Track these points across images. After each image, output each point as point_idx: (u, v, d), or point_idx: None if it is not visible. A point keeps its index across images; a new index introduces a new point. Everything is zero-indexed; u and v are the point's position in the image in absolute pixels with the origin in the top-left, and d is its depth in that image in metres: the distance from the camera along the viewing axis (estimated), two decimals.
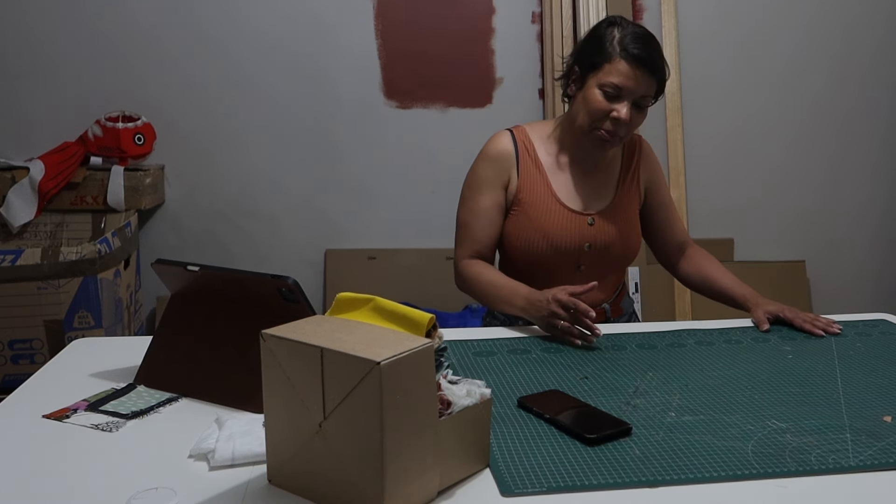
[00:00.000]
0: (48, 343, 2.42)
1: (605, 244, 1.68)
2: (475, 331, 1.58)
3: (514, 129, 1.73)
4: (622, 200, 1.73)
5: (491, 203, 1.68)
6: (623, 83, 1.55)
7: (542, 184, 1.68)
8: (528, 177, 1.68)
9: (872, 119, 3.20)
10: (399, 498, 0.85)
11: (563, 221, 1.66)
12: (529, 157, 1.70)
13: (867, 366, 1.37)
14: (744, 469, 0.99)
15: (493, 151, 1.70)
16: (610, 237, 1.69)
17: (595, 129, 1.60)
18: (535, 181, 1.68)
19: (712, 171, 3.13)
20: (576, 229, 1.67)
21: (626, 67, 1.55)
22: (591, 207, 1.70)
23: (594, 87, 1.58)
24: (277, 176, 2.99)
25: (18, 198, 2.68)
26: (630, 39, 1.56)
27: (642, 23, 3.02)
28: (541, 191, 1.68)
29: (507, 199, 1.70)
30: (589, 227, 1.68)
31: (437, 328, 0.96)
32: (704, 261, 1.81)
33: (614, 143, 1.63)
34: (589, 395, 1.23)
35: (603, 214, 1.69)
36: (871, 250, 3.29)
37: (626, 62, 1.55)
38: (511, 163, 1.69)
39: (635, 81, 1.55)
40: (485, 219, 1.68)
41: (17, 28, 2.83)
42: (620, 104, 1.57)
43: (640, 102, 1.59)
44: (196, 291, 1.27)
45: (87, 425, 1.11)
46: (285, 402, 0.90)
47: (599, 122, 1.59)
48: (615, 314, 1.77)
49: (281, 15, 2.90)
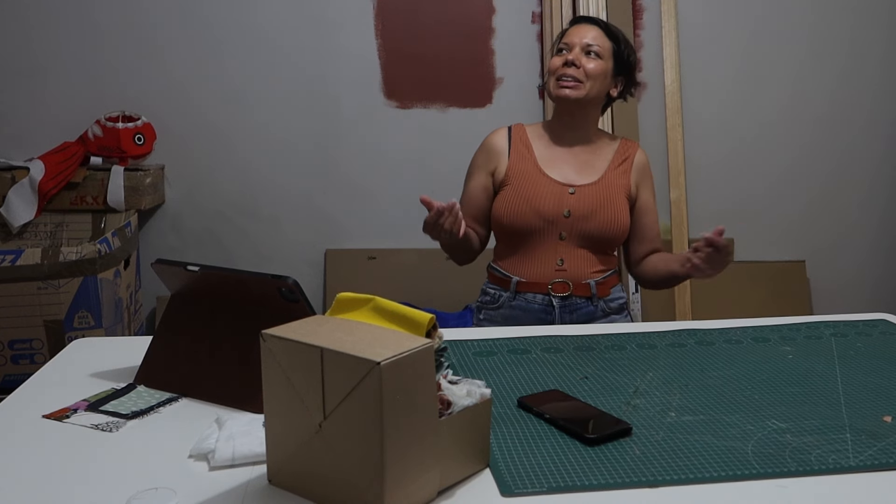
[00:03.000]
0: (48, 343, 2.42)
1: (584, 213, 1.79)
2: (475, 331, 1.58)
3: (512, 126, 1.93)
4: (607, 182, 1.84)
5: (476, 185, 1.89)
6: (568, 39, 1.83)
7: (531, 162, 1.85)
8: (519, 160, 1.86)
9: (873, 119, 3.20)
10: (399, 498, 0.85)
11: (545, 189, 1.81)
12: (521, 143, 1.88)
13: (867, 366, 1.37)
14: (744, 469, 0.99)
15: (486, 142, 1.92)
16: (590, 207, 1.80)
17: (556, 81, 1.81)
18: (525, 162, 1.85)
19: (712, 171, 3.13)
20: (556, 195, 1.80)
21: (570, 30, 1.86)
22: (574, 182, 1.83)
23: (551, 58, 1.86)
24: (277, 176, 2.99)
25: (18, 198, 2.68)
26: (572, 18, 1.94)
27: (642, 23, 3.04)
28: (528, 167, 1.85)
29: (496, 182, 1.87)
30: (570, 195, 1.80)
31: (437, 328, 0.96)
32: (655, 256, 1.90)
33: (577, 89, 1.79)
34: (589, 395, 1.23)
35: (585, 188, 1.82)
36: (871, 250, 3.29)
37: (569, 28, 1.87)
38: (502, 152, 1.88)
39: (577, 33, 1.82)
40: (470, 198, 1.89)
41: (18, 28, 2.83)
42: (570, 53, 1.81)
43: (589, 49, 1.80)
44: (196, 291, 1.27)
45: (87, 425, 1.11)
46: (285, 402, 0.90)
47: (557, 73, 1.81)
48: (601, 294, 1.82)
49: (281, 15, 2.90)
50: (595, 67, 1.79)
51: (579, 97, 1.79)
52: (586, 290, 1.81)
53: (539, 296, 1.80)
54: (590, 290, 1.81)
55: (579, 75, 1.78)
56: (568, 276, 1.80)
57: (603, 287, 1.83)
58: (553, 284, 1.79)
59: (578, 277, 1.80)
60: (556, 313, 1.80)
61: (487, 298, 1.88)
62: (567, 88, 1.79)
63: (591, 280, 1.81)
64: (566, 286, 1.80)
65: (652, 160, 3.25)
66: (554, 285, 1.79)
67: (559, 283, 1.80)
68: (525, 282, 1.81)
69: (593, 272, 1.82)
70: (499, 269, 1.86)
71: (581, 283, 1.80)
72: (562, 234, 1.80)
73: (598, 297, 1.82)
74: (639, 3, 3.03)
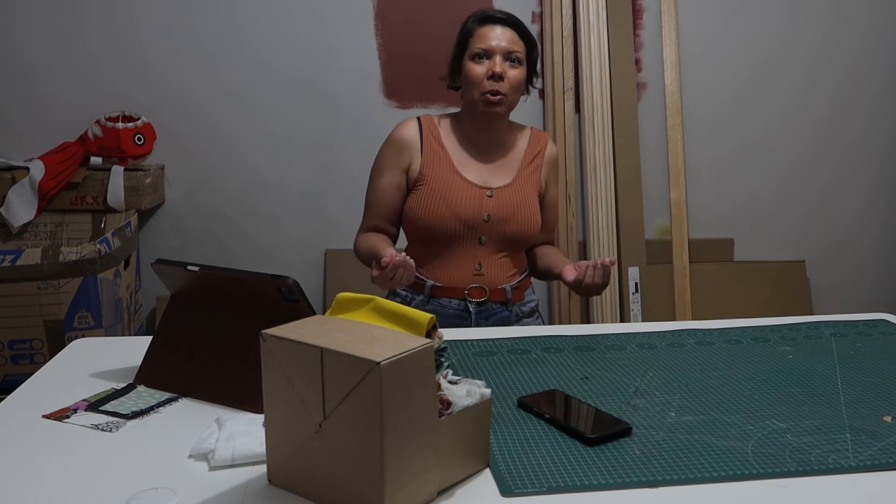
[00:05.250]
0: (48, 343, 2.42)
1: (503, 217, 1.76)
2: (475, 331, 1.58)
3: (421, 117, 1.84)
4: (521, 182, 1.81)
5: (388, 183, 1.80)
6: (486, 44, 1.72)
7: (446, 162, 1.79)
8: (431, 156, 1.79)
9: (873, 120, 3.20)
10: (399, 498, 0.85)
11: (464, 192, 1.75)
12: (434, 140, 1.80)
13: (867, 366, 1.37)
14: (744, 469, 0.99)
15: (396, 136, 1.82)
16: (508, 210, 1.76)
17: (482, 95, 1.72)
18: (440, 159, 1.79)
19: (712, 171, 3.13)
20: (475, 200, 1.75)
21: (482, 29, 1.74)
22: (491, 184, 1.79)
23: (468, 62, 1.75)
24: (277, 176, 2.99)
25: (18, 198, 2.68)
26: (479, 12, 1.78)
27: (642, 23, 3.04)
28: (444, 168, 1.78)
29: (409, 180, 1.80)
30: (488, 198, 1.76)
31: (437, 328, 0.96)
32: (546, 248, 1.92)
33: (503, 104, 1.73)
34: (589, 395, 1.23)
35: (502, 190, 1.78)
36: (871, 250, 3.29)
37: (480, 25, 1.75)
38: (414, 146, 1.80)
39: (495, 37, 1.72)
40: (382, 197, 1.81)
41: (18, 28, 2.83)
42: (492, 61, 1.71)
43: (510, 57, 1.72)
44: (196, 291, 1.27)
45: (87, 425, 1.11)
46: (285, 402, 0.90)
47: (481, 86, 1.72)
48: (516, 298, 1.81)
49: (281, 15, 2.90)
50: (518, 75, 1.73)
51: (506, 111, 1.76)
52: (502, 295, 1.78)
53: (455, 300, 1.76)
54: (505, 296, 1.78)
55: (503, 88, 1.70)
56: (485, 282, 1.76)
57: (517, 292, 1.81)
58: (469, 290, 1.76)
59: (495, 283, 1.77)
60: (472, 318, 1.77)
61: (398, 300, 1.79)
62: (496, 106, 1.71)
63: (506, 285, 1.78)
64: (483, 291, 1.76)
65: (652, 160, 3.27)
66: (470, 290, 1.76)
67: (476, 288, 1.76)
68: (440, 286, 1.76)
69: (509, 276, 1.79)
70: None
71: (497, 289, 1.77)
72: (481, 239, 1.76)
73: (512, 302, 1.79)
74: (639, 3, 3.03)
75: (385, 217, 1.82)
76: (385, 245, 1.72)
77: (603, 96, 2.98)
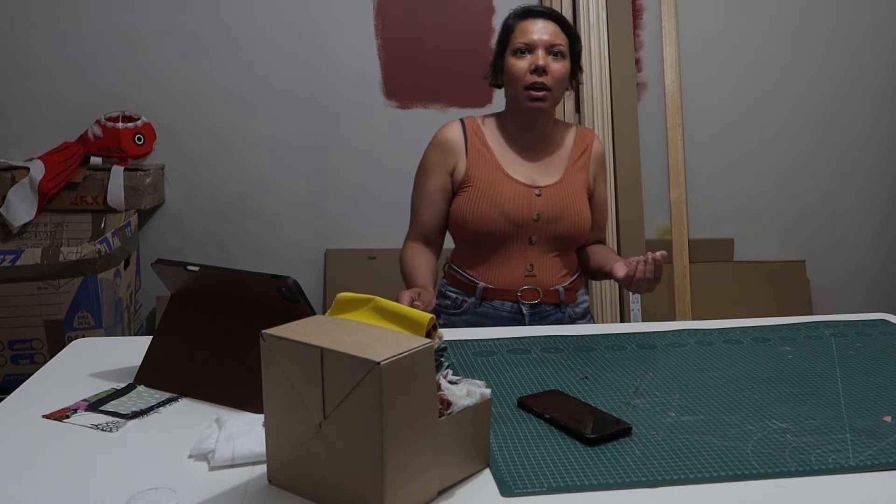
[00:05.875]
0: (48, 343, 2.42)
1: (552, 216, 1.74)
2: (475, 331, 1.58)
3: (464, 119, 1.83)
4: (569, 180, 1.79)
5: (434, 187, 1.79)
6: (528, 38, 1.70)
7: (492, 162, 1.77)
8: (477, 157, 1.77)
9: (873, 119, 3.20)
10: (399, 498, 0.85)
11: (512, 192, 1.73)
12: (479, 140, 1.79)
13: (867, 366, 1.37)
14: (744, 469, 0.99)
15: (440, 138, 1.80)
16: (557, 209, 1.74)
17: (525, 90, 1.70)
18: (485, 160, 1.77)
19: (712, 171, 3.13)
20: (524, 199, 1.73)
21: (523, 24, 1.72)
22: (538, 182, 1.76)
23: (509, 57, 1.73)
24: (277, 176, 2.99)
25: (18, 198, 2.68)
26: (519, 7, 1.76)
27: (642, 23, 3.04)
28: (490, 168, 1.76)
29: (455, 182, 1.78)
30: (537, 197, 1.74)
31: (437, 328, 0.96)
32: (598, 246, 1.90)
33: (547, 99, 1.71)
34: (589, 395, 1.23)
35: (550, 189, 1.76)
36: (871, 250, 3.29)
37: (521, 20, 1.73)
38: (459, 148, 1.78)
39: (537, 31, 1.70)
40: (429, 201, 1.79)
41: (18, 28, 2.83)
42: (534, 55, 1.69)
43: (553, 50, 1.70)
44: (196, 291, 1.27)
45: (87, 425, 1.11)
46: (285, 402, 0.90)
47: (524, 80, 1.70)
48: (569, 300, 1.79)
49: (281, 15, 2.90)
50: (561, 69, 1.71)
51: (551, 106, 1.74)
52: (555, 296, 1.76)
53: (507, 303, 1.74)
54: (558, 297, 1.77)
55: (547, 82, 1.69)
56: (537, 283, 1.74)
57: (570, 293, 1.79)
58: (522, 291, 1.74)
59: (547, 284, 1.75)
60: (526, 321, 1.75)
61: (448, 303, 1.79)
62: (540, 101, 1.70)
63: (559, 286, 1.76)
64: (536, 293, 1.74)
65: (652, 160, 3.27)
66: (523, 292, 1.74)
67: (529, 290, 1.74)
68: (493, 288, 1.74)
69: (561, 276, 1.77)
70: (462, 272, 1.79)
71: (550, 290, 1.75)
72: (531, 239, 1.74)
73: (565, 304, 1.78)
74: (639, 3, 3.03)
75: (431, 223, 1.80)
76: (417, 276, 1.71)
77: (603, 96, 2.98)
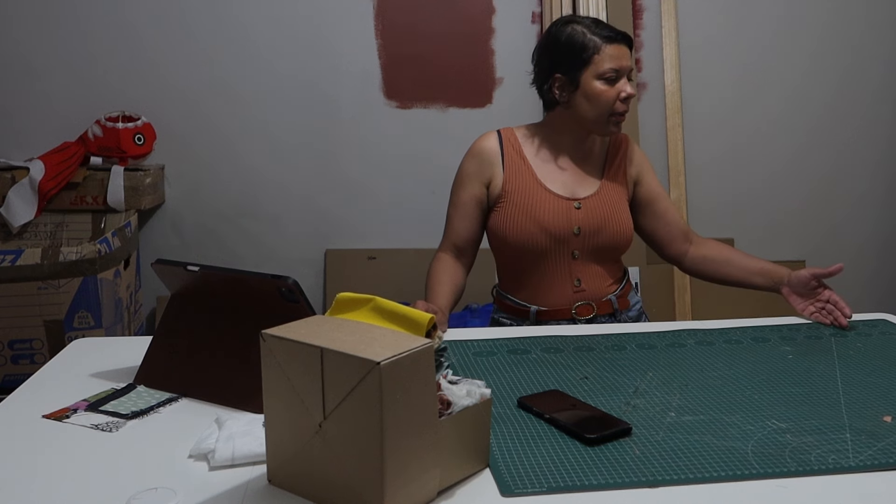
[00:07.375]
0: (48, 343, 2.42)
1: (594, 228, 1.70)
2: (475, 331, 1.58)
3: (501, 130, 1.80)
4: (608, 188, 1.75)
5: (469, 197, 1.75)
6: (618, 64, 1.66)
7: (529, 175, 1.73)
8: (514, 170, 1.73)
9: (872, 119, 3.20)
10: (399, 498, 0.85)
11: (551, 206, 1.70)
12: (515, 152, 1.75)
13: (867, 366, 1.37)
14: (744, 469, 0.99)
15: (477, 148, 1.77)
16: (598, 221, 1.71)
17: (612, 116, 1.68)
18: (522, 173, 1.73)
19: (712, 171, 3.13)
20: (564, 212, 1.70)
21: (612, 49, 1.66)
22: (577, 194, 1.73)
23: (593, 81, 1.66)
24: (277, 176, 2.99)
25: (18, 198, 2.68)
26: (596, 27, 1.69)
27: (642, 23, 3.04)
28: (527, 181, 1.72)
29: (491, 195, 1.74)
30: (576, 210, 1.70)
31: (437, 328, 0.96)
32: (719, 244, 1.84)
33: (623, 120, 1.71)
34: (589, 395, 1.23)
35: (589, 200, 1.72)
36: (871, 250, 3.29)
37: (609, 45, 1.66)
38: (495, 159, 1.74)
39: (624, 58, 1.68)
40: (463, 212, 1.75)
41: (18, 28, 2.83)
42: (622, 83, 1.67)
43: (630, 76, 1.70)
44: (196, 291, 1.27)
45: (87, 425, 1.11)
46: (285, 402, 0.90)
47: (615, 109, 1.67)
48: (622, 307, 1.76)
49: (281, 15, 2.90)
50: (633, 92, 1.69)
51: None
52: (609, 307, 1.73)
53: (564, 322, 1.70)
54: (612, 307, 1.73)
55: (629, 107, 1.70)
56: (588, 297, 1.71)
57: (622, 300, 1.76)
58: (576, 308, 1.70)
59: (598, 295, 1.72)
60: None
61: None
62: (621, 122, 1.71)
63: (611, 296, 1.73)
64: (590, 308, 1.71)
65: (652, 160, 3.25)
66: (577, 309, 1.70)
67: (582, 305, 1.70)
68: (546, 310, 1.71)
69: (608, 285, 1.74)
70: (512, 298, 1.76)
71: (602, 301, 1.72)
72: (574, 253, 1.70)
73: (620, 311, 1.75)
74: (639, 3, 3.03)
75: (465, 234, 1.76)
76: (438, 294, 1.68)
77: None
